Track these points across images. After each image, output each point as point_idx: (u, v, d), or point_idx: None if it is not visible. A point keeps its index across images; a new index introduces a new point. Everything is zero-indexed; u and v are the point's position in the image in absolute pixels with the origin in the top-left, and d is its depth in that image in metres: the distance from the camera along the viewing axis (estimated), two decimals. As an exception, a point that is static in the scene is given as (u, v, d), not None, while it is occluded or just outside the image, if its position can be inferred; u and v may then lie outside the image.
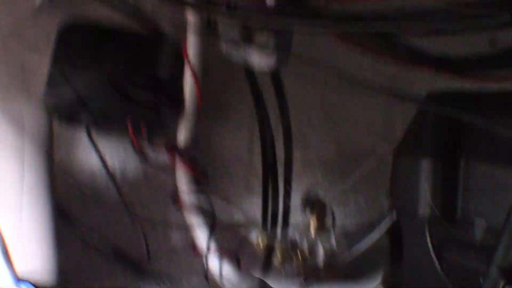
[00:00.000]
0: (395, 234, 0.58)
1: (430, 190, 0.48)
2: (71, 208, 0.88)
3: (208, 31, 0.58)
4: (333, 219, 0.87)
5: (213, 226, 0.92)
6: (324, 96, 1.15)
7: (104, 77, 0.85)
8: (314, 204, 0.87)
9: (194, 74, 0.88)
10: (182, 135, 0.90)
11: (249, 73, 0.75)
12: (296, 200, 0.91)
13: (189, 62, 0.87)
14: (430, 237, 0.49)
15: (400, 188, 0.51)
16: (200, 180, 0.92)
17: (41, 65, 0.92)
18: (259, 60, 0.53)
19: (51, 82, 0.84)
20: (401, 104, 1.21)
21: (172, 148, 0.89)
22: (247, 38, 0.51)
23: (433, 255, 0.49)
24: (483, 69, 0.66)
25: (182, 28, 0.84)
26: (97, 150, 0.86)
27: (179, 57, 0.88)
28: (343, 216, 1.10)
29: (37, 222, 0.61)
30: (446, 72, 0.69)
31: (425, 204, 0.48)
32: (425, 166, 0.47)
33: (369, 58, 0.76)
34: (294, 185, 0.89)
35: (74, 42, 0.89)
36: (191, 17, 0.82)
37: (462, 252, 0.48)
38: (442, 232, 0.49)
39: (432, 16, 0.42)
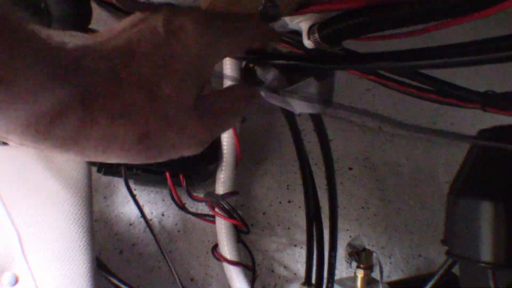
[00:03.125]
0: (451, 282, 0.54)
1: (492, 234, 0.44)
2: (108, 259, 0.86)
3: (247, 78, 0.58)
4: (381, 270, 0.82)
5: (254, 279, 0.88)
6: (365, 143, 1.13)
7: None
8: (360, 255, 0.83)
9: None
10: (221, 185, 0.89)
11: (291, 120, 0.74)
12: (341, 251, 0.87)
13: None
14: (495, 284, 0.45)
15: (458, 233, 0.48)
16: (240, 231, 0.89)
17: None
18: (301, 105, 0.52)
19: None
20: (446, 147, 1.19)
21: (211, 197, 0.88)
22: (289, 84, 0.49)
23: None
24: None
25: (219, 75, 0.85)
26: (135, 200, 0.85)
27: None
28: (389, 266, 1.05)
29: (78, 274, 0.59)
30: (493, 109, 0.67)
31: (487, 249, 0.44)
32: (486, 209, 0.44)
33: (412, 97, 0.74)
34: (339, 235, 0.85)
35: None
36: (229, 65, 0.82)
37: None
38: (507, 278, 0.45)
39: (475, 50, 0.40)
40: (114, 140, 0.30)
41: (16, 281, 0.59)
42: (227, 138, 0.89)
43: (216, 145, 0.89)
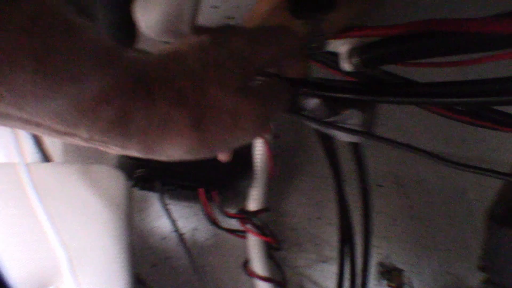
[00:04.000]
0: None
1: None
2: (141, 272, 0.88)
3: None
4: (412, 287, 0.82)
5: (284, 295, 0.89)
6: (394, 160, 1.13)
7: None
8: (391, 273, 0.83)
9: (266, 142, 0.89)
10: (253, 202, 0.90)
11: (326, 140, 0.74)
12: (372, 269, 0.87)
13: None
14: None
15: (500, 262, 0.48)
16: (272, 247, 0.90)
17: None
18: (342, 134, 0.52)
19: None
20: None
21: (243, 214, 0.89)
22: (331, 112, 0.50)
23: None
24: None
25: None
26: (169, 215, 0.87)
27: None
28: (418, 283, 1.05)
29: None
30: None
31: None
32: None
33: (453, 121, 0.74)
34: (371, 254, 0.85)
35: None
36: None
37: None
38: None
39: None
40: (172, 124, 0.32)
41: (58, 296, 0.61)
42: (260, 155, 0.90)
43: (248, 162, 0.90)
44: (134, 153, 0.33)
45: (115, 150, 0.33)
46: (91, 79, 0.27)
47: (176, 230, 0.88)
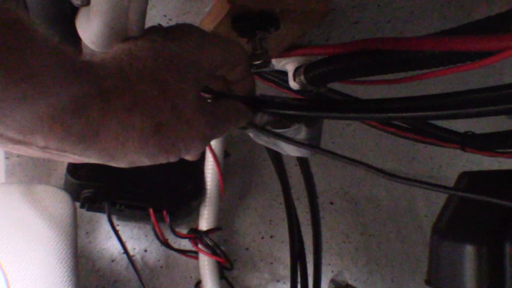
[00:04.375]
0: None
1: (476, 276, 0.46)
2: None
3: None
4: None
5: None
6: (345, 177, 1.15)
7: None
8: (342, 290, 0.84)
9: (215, 159, 0.88)
10: (205, 221, 0.89)
11: (276, 157, 0.75)
12: (323, 286, 0.88)
13: (210, 147, 0.88)
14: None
15: (443, 274, 0.49)
16: (224, 267, 0.89)
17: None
18: (289, 148, 0.53)
19: (72, 171, 0.84)
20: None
21: (195, 234, 0.88)
22: (279, 127, 0.50)
23: None
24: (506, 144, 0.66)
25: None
26: (118, 236, 0.85)
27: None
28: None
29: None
30: (472, 149, 0.69)
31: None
32: (470, 252, 0.45)
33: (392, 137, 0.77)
34: (322, 270, 0.86)
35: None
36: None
37: None
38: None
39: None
40: (133, 130, 0.32)
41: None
42: (211, 174, 0.89)
43: (199, 181, 0.89)
44: (94, 160, 0.33)
45: (71, 159, 0.33)
46: (51, 86, 0.27)
47: (126, 251, 0.86)
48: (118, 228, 0.89)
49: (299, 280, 0.86)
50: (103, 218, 0.92)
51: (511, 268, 0.44)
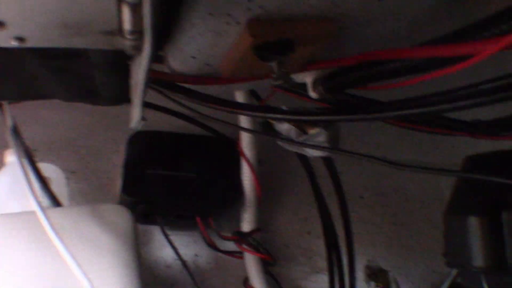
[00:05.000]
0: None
1: (481, 244, 0.54)
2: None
3: (266, 130, 0.68)
4: (398, 287, 0.91)
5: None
6: (373, 172, 1.23)
7: (175, 178, 0.96)
8: (377, 276, 0.91)
9: (251, 167, 0.98)
10: (247, 224, 0.98)
11: (304, 161, 0.84)
12: (360, 274, 0.96)
13: (245, 156, 0.97)
14: (488, 285, 0.54)
15: (454, 246, 0.57)
16: (268, 263, 0.98)
17: (114, 171, 1.05)
18: (312, 151, 0.62)
19: (126, 188, 0.95)
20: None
21: (239, 235, 0.97)
22: (301, 133, 0.59)
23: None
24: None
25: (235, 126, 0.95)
26: (172, 244, 0.95)
27: (236, 153, 0.99)
28: (407, 284, 1.13)
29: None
30: (480, 135, 0.76)
31: (478, 256, 0.53)
32: (473, 224, 0.53)
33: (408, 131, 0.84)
34: (357, 260, 0.94)
35: (142, 147, 1.00)
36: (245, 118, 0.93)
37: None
38: (497, 279, 0.53)
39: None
40: None
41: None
42: (247, 181, 0.99)
43: (238, 188, 0.99)
44: None
45: None
46: None
47: (179, 258, 0.96)
48: (170, 237, 0.98)
49: (336, 270, 0.95)
50: (155, 230, 1.02)
51: (509, 234, 0.52)
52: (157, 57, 0.61)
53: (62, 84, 0.62)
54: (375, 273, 0.91)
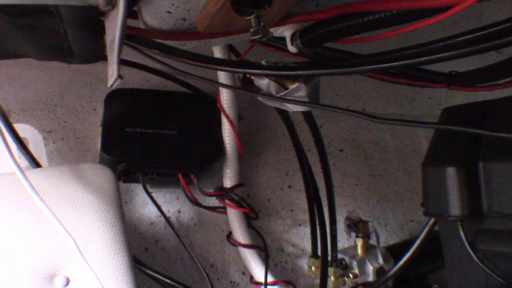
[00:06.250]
0: (433, 237, 0.65)
1: (456, 193, 0.55)
2: (136, 256, 0.97)
3: (246, 86, 0.67)
4: (377, 236, 0.93)
5: (267, 258, 0.99)
6: (351, 125, 1.24)
7: (154, 136, 0.95)
8: (357, 226, 0.94)
9: (231, 123, 0.98)
10: (228, 179, 0.99)
11: (284, 116, 0.84)
12: (341, 225, 0.98)
13: (224, 113, 0.97)
14: (464, 233, 0.56)
15: (431, 195, 0.58)
16: (250, 217, 1.00)
17: (92, 130, 1.04)
18: (293, 106, 0.62)
19: (105, 149, 0.94)
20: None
21: (221, 191, 0.98)
22: (281, 88, 0.59)
23: (468, 247, 0.56)
24: (492, 79, 0.74)
25: (215, 83, 0.95)
26: (154, 201, 0.96)
27: (216, 109, 0.99)
28: (386, 233, 1.17)
29: (121, 271, 0.70)
30: (457, 87, 0.77)
31: (454, 205, 0.55)
32: (450, 174, 0.55)
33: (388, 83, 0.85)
34: (337, 211, 0.96)
35: (120, 105, 0.99)
36: (226, 75, 0.92)
37: (493, 241, 0.54)
38: (473, 227, 0.56)
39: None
40: None
41: (67, 282, 0.69)
42: (228, 136, 0.99)
43: (219, 144, 0.99)
44: None
45: None
46: None
47: (162, 214, 0.97)
48: (152, 195, 0.99)
49: (318, 222, 0.97)
50: (137, 188, 1.03)
51: (485, 184, 0.54)
52: (131, 12, 0.59)
53: (33, 43, 0.60)
54: (355, 224, 0.93)
